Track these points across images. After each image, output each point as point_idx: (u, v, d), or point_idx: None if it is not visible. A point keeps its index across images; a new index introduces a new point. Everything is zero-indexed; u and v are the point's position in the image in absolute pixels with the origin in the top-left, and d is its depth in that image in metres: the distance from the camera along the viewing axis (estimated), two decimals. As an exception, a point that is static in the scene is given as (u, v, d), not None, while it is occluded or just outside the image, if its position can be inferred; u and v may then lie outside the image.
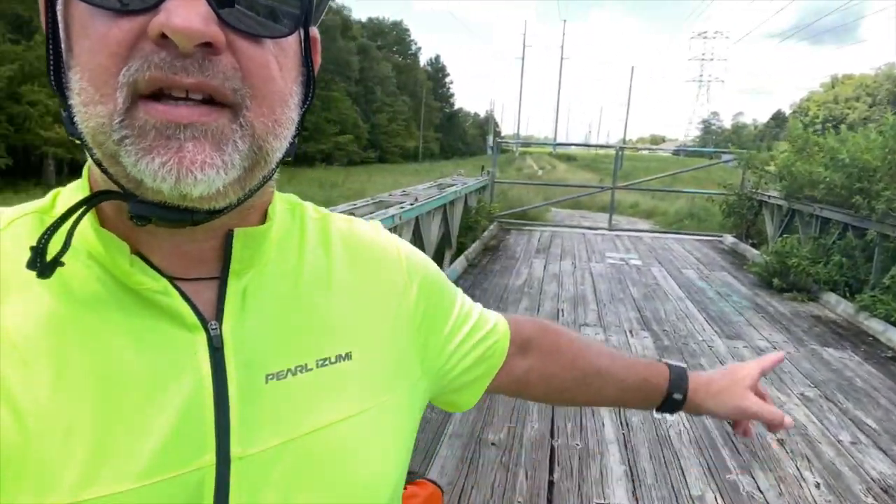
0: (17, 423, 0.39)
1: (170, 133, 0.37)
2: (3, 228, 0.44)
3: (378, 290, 0.57)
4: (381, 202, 5.30)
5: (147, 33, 0.36)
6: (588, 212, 14.16)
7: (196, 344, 0.44)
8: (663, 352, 4.31)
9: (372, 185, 19.21)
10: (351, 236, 0.58)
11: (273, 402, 0.46)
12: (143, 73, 0.36)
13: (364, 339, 0.53)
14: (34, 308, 0.41)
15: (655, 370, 0.76)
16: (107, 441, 0.40)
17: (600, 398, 0.78)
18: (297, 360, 0.48)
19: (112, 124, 0.37)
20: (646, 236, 10.03)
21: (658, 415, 2.53)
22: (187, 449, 0.42)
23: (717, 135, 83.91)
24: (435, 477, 2.60)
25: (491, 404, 3.29)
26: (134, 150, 0.37)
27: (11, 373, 0.39)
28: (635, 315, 5.25)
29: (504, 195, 11.43)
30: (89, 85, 0.37)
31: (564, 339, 0.75)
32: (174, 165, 0.37)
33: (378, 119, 48.78)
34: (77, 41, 0.38)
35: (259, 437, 0.45)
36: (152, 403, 0.42)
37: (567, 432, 3.06)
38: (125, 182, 0.40)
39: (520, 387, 0.73)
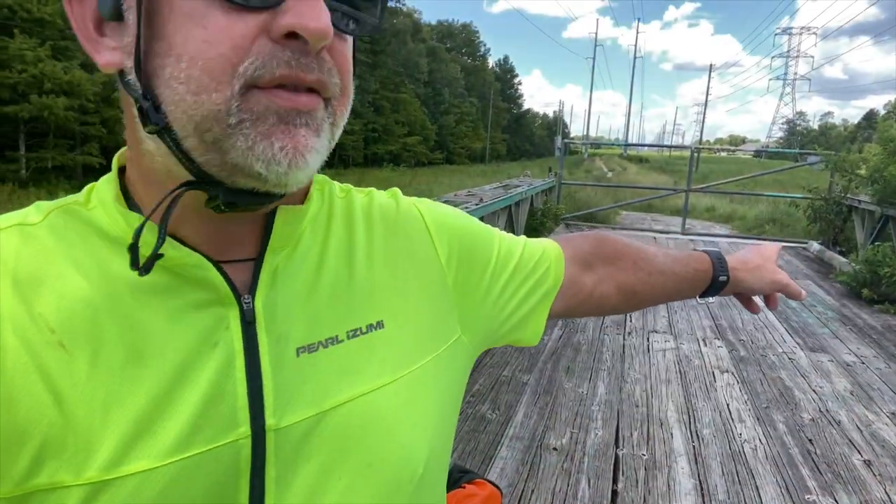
0: (56, 404, 0.40)
1: (289, 119, 0.40)
2: (40, 221, 0.45)
3: (404, 256, 0.57)
4: (447, 202, 5.33)
5: (272, 30, 0.38)
6: (660, 215, 13.69)
7: (229, 318, 0.45)
8: (739, 362, 4.10)
9: (438, 185, 19.37)
10: (372, 208, 0.58)
11: (305, 374, 0.47)
12: (270, 70, 0.38)
13: (395, 307, 0.54)
14: (69, 294, 0.42)
15: (699, 258, 0.81)
16: (142, 417, 0.41)
17: (664, 294, 0.81)
18: (328, 333, 0.49)
19: (229, 109, 0.38)
20: (722, 241, 9.59)
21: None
22: (222, 422, 0.43)
23: (802, 136, 79.28)
24: (494, 479, 2.58)
25: (553, 408, 3.23)
26: (252, 134, 0.39)
27: (50, 356, 0.41)
28: (709, 323, 5.03)
29: (571, 197, 11.23)
30: (203, 74, 0.38)
31: (622, 245, 0.77)
32: (291, 150, 0.40)
33: (445, 120, 49.13)
34: (183, 31, 0.38)
35: (293, 409, 0.46)
36: (186, 378, 0.43)
37: (633, 441, 2.96)
38: (216, 170, 0.41)
39: (595, 301, 0.74)
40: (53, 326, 0.41)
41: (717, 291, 0.82)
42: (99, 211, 0.46)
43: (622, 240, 0.78)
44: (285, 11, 0.38)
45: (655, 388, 3.60)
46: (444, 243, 0.60)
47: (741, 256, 0.85)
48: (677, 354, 4.20)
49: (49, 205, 0.47)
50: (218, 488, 0.43)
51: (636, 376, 3.76)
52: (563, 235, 0.75)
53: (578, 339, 4.41)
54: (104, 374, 0.41)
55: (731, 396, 3.52)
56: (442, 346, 0.57)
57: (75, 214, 0.46)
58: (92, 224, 0.45)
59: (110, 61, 0.41)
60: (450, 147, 49.67)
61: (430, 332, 0.56)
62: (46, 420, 0.40)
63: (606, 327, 4.72)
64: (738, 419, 3.23)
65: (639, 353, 4.19)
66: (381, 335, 0.52)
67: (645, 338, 4.52)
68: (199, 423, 0.42)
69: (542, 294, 0.68)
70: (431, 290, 0.58)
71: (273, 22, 0.38)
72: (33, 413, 0.39)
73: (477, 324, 0.62)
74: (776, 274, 0.85)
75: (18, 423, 0.39)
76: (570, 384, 3.58)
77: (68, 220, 0.46)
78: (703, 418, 3.22)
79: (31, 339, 0.41)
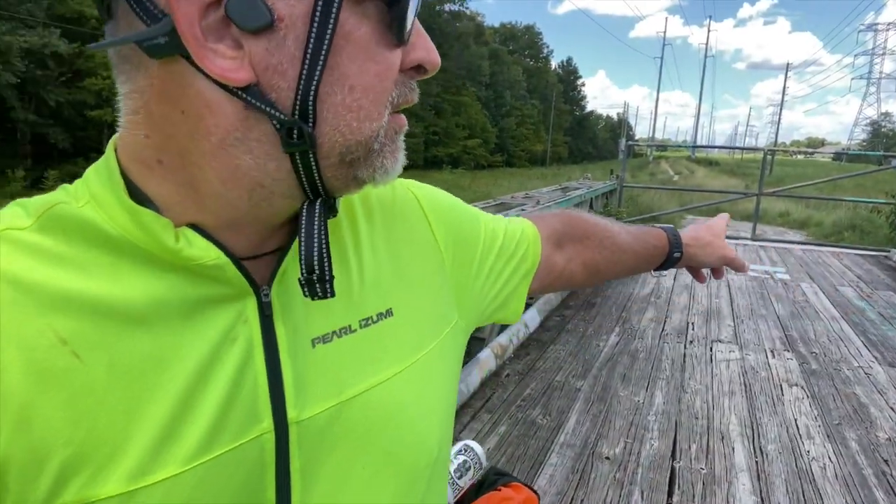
0: (74, 420, 0.38)
1: (399, 137, 0.47)
2: (31, 224, 0.42)
3: (405, 242, 0.58)
4: (502, 204, 5.30)
5: (404, 63, 0.44)
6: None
7: (247, 311, 0.45)
8: (810, 376, 3.87)
9: (497, 188, 19.32)
10: (368, 194, 0.58)
11: (323, 365, 0.47)
12: (405, 96, 0.45)
13: (401, 294, 0.55)
14: (76, 301, 0.40)
15: (657, 235, 0.87)
16: (166, 423, 0.40)
17: (624, 270, 0.86)
18: (341, 323, 0.49)
19: (378, 136, 0.43)
20: (796, 248, 9.09)
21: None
22: (244, 418, 0.43)
23: (887, 138, 74.21)
24: (543, 486, 2.54)
25: (607, 416, 3.15)
26: (387, 153, 0.45)
27: (62, 369, 0.39)
28: (778, 334, 4.77)
29: (633, 200, 10.94)
30: (372, 104, 0.42)
31: (590, 224, 0.82)
32: (401, 160, 0.47)
33: (506, 123, 48.91)
34: (358, 63, 0.41)
35: (313, 401, 0.46)
36: (207, 378, 0.42)
37: (691, 454, 2.84)
38: (338, 183, 0.44)
39: (564, 279, 0.79)
40: (64, 336, 0.39)
41: (671, 266, 0.89)
42: (91, 208, 0.42)
43: (589, 218, 0.83)
44: (413, 46, 0.44)
45: (717, 399, 3.45)
46: (440, 227, 0.62)
47: (693, 233, 0.91)
48: (742, 366, 4.01)
49: (36, 205, 0.43)
50: (245, 486, 0.43)
51: (697, 387, 3.61)
52: (536, 214, 0.79)
53: (636, 346, 4.28)
54: (123, 383, 0.40)
55: (800, 411, 3.33)
56: (444, 329, 0.58)
57: (67, 214, 0.42)
58: (87, 224, 0.42)
59: (242, 76, 0.38)
60: (510, 150, 49.39)
61: (434, 316, 0.58)
62: (64, 438, 0.38)
63: (666, 335, 4.56)
64: (807, 436, 3.04)
65: (700, 362, 4.03)
66: (391, 323, 0.53)
67: (708, 347, 4.34)
68: (222, 422, 0.42)
69: (523, 274, 0.71)
70: (432, 274, 0.59)
71: (406, 55, 0.44)
72: (49, 433, 0.38)
73: (469, 305, 0.64)
74: (725, 249, 0.92)
75: (34, 446, 0.37)
76: (625, 392, 3.48)
77: (61, 220, 0.42)
78: (768, 433, 3.06)
79: (40, 356, 0.38)
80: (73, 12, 20.35)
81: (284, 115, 0.39)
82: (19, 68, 17.89)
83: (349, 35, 0.40)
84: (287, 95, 0.39)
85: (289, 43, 0.38)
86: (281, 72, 0.39)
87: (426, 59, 0.45)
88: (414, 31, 0.44)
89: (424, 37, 0.45)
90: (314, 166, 0.41)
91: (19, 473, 0.37)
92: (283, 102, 0.39)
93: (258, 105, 0.39)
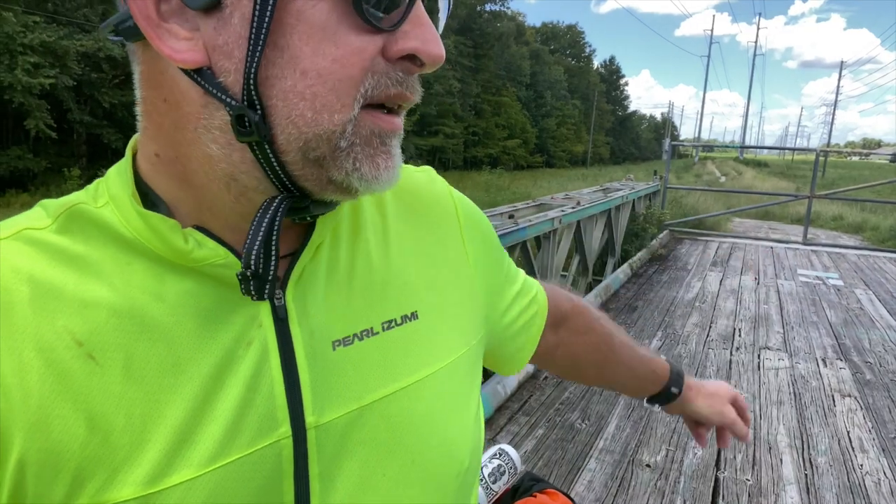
0: (90, 423, 0.38)
1: (387, 141, 0.41)
2: (50, 224, 0.42)
3: (435, 245, 0.55)
4: (542, 205, 5.24)
5: (389, 51, 0.39)
6: (778, 223, 12.70)
7: (261, 315, 0.43)
8: (864, 386, 3.69)
9: (537, 189, 19.18)
10: (402, 189, 0.56)
11: (343, 368, 0.45)
12: (385, 89, 0.39)
13: (427, 297, 0.52)
14: (93, 303, 0.40)
15: (660, 364, 0.84)
16: (181, 427, 0.40)
17: (611, 381, 0.84)
18: (363, 325, 0.47)
19: (345, 133, 0.39)
20: (850, 253, 8.72)
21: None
22: (262, 423, 0.42)
23: (952, 138, 70.49)
24: (581, 492, 2.49)
25: (648, 422, 3.07)
26: (361, 156, 0.40)
27: (79, 371, 0.38)
28: (830, 342, 4.58)
29: (678, 202, 10.67)
30: (330, 93, 0.37)
31: (596, 324, 0.79)
32: (391, 168, 0.42)
33: (546, 123, 48.52)
34: (312, 44, 0.36)
35: (332, 405, 0.44)
36: (222, 382, 0.41)
37: (736, 464, 2.74)
38: (309, 184, 0.40)
39: (542, 360, 0.75)
40: (80, 338, 0.39)
41: (665, 402, 0.85)
42: (110, 209, 0.42)
43: (599, 317, 0.80)
44: (406, 34, 0.39)
45: (765, 409, 3.33)
46: (473, 242, 0.59)
47: (700, 381, 0.88)
48: (791, 374, 3.86)
49: (56, 205, 0.43)
50: (263, 491, 0.42)
51: (743, 395, 3.48)
52: (551, 285, 0.77)
53: (679, 351, 4.17)
54: (139, 386, 0.39)
55: (853, 423, 3.18)
56: (473, 339, 0.56)
57: (85, 215, 0.42)
58: (104, 225, 0.42)
59: (191, 57, 0.37)
60: (550, 150, 48.97)
61: (462, 325, 0.55)
62: (80, 441, 0.38)
63: (711, 341, 4.43)
64: (860, 449, 2.90)
65: (747, 370, 3.90)
66: (416, 326, 0.50)
67: (755, 354, 4.19)
68: (238, 426, 0.41)
69: (529, 336, 0.69)
70: (461, 284, 0.56)
71: (393, 43, 0.39)
72: (66, 436, 0.37)
73: (489, 327, 0.62)
74: (726, 406, 0.86)
75: (51, 448, 0.37)
76: (667, 398, 3.39)
77: (79, 221, 0.42)
78: (818, 445, 2.93)
79: (57, 357, 0.38)
80: (127, 17, 21.06)
81: (235, 101, 0.37)
82: (76, 71, 18.68)
83: (301, 13, 0.36)
84: (235, 80, 0.37)
85: (235, 21, 0.36)
86: (227, 53, 0.37)
87: (420, 49, 0.39)
88: (411, 18, 0.39)
89: (424, 26, 0.40)
90: (273, 159, 0.38)
91: (36, 475, 0.37)
92: (232, 87, 0.37)
93: (210, 90, 0.37)
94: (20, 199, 17.03)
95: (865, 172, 36.20)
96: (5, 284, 0.38)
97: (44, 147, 19.55)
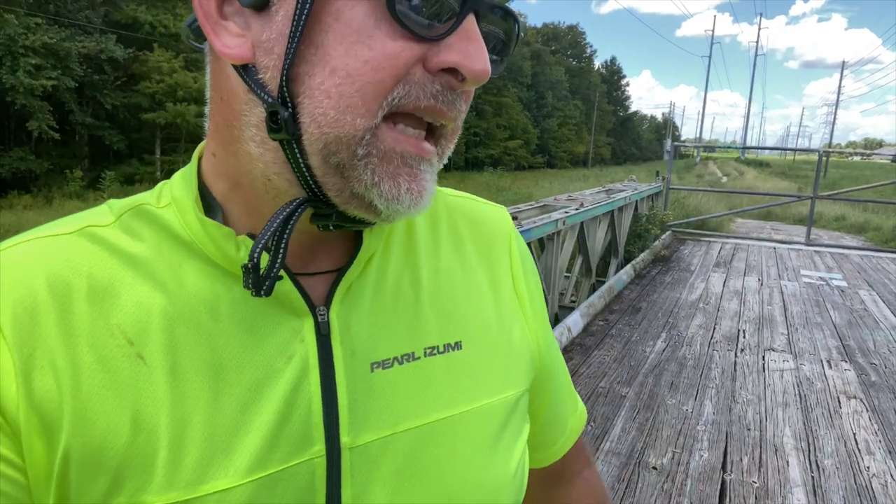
0: (135, 422, 0.38)
1: (412, 163, 0.39)
2: (113, 222, 0.43)
3: (486, 275, 0.53)
4: (545, 206, 5.23)
5: (429, 61, 0.37)
6: (781, 223, 12.68)
7: (304, 330, 0.43)
8: (870, 388, 3.69)
9: (539, 189, 19.17)
10: (459, 215, 0.55)
11: (380, 391, 0.45)
12: (416, 100, 0.38)
13: (474, 329, 0.50)
14: (146, 303, 0.40)
15: None
16: (221, 434, 0.40)
17: None
18: (404, 349, 0.46)
19: (363, 140, 0.37)
20: (854, 254, 8.71)
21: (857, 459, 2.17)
22: (297, 439, 0.42)
23: (954, 138, 70.38)
24: (588, 494, 2.49)
25: (654, 425, 3.07)
26: (379, 172, 0.38)
27: (128, 371, 0.39)
28: (835, 343, 4.57)
29: (680, 203, 10.66)
30: (356, 95, 0.36)
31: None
32: (416, 191, 0.39)
33: (548, 124, 48.49)
34: (346, 44, 0.36)
35: (368, 427, 0.44)
36: (262, 394, 0.41)
37: (742, 467, 2.74)
38: (333, 194, 0.39)
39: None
40: (132, 338, 0.39)
41: None
42: (171, 210, 0.43)
43: None
44: (449, 46, 0.37)
45: (770, 410, 3.32)
46: (523, 283, 0.56)
47: None
48: (797, 376, 3.85)
49: (121, 204, 0.45)
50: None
51: (748, 397, 3.48)
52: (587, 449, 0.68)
53: (684, 353, 4.16)
54: (183, 390, 0.40)
55: (859, 425, 3.17)
56: (522, 386, 0.53)
57: (147, 215, 0.43)
58: (164, 225, 0.43)
59: (238, 53, 0.38)
60: (552, 151, 48.95)
61: (511, 366, 0.52)
62: (124, 440, 0.38)
63: (716, 342, 4.42)
64: (867, 451, 2.90)
65: (752, 371, 3.89)
66: (459, 356, 0.48)
67: (760, 356, 4.19)
68: (275, 440, 0.41)
69: (570, 435, 0.63)
70: (511, 318, 0.54)
71: (434, 54, 0.37)
72: (110, 433, 0.38)
73: None
74: None
75: (95, 444, 0.38)
76: (673, 401, 3.39)
77: (141, 221, 0.43)
78: (824, 447, 2.92)
79: (109, 354, 0.39)
80: (129, 18, 21.14)
81: (270, 98, 0.37)
82: (78, 73, 18.71)
83: (339, 12, 0.36)
84: (273, 76, 0.37)
85: (278, 18, 0.37)
86: (268, 49, 0.37)
87: (461, 63, 0.37)
88: (459, 31, 0.37)
89: (471, 41, 0.38)
90: (300, 160, 0.38)
91: (79, 471, 0.37)
92: (269, 84, 0.37)
93: (251, 85, 0.38)
94: (22, 201, 17.06)
95: (867, 172, 36.14)
96: (66, 278, 0.40)
97: (46, 148, 19.58)
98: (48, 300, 0.39)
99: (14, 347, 0.37)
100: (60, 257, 0.40)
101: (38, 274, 0.39)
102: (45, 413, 0.37)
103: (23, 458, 0.37)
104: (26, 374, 0.37)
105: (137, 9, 21.25)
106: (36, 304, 0.38)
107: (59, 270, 0.40)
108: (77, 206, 15.91)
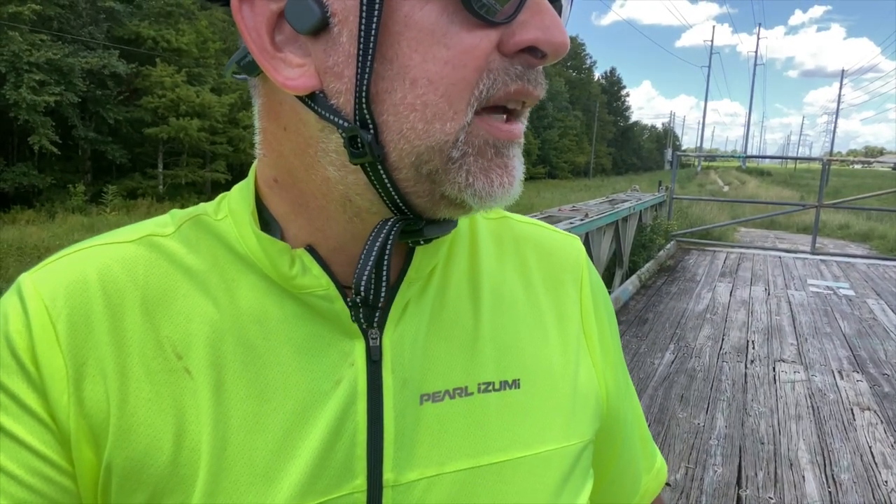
0: (177, 439, 0.37)
1: (504, 151, 0.37)
2: (173, 232, 0.43)
3: (554, 309, 0.49)
4: (549, 217, 5.20)
5: (506, 44, 0.35)
6: (785, 232, 12.63)
7: (354, 354, 0.41)
8: (883, 399, 3.63)
9: (541, 200, 19.17)
10: (527, 241, 0.51)
11: (429, 426, 0.41)
12: (505, 87, 0.35)
13: (534, 367, 0.46)
14: (197, 316, 0.40)
15: None
16: (258, 460, 0.38)
17: None
18: (457, 382, 0.43)
19: (457, 142, 0.35)
20: (860, 262, 8.65)
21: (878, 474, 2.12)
22: (339, 471, 0.39)
23: (955, 145, 70.56)
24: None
25: (666, 439, 3.01)
26: (474, 170, 0.36)
27: (174, 385, 0.38)
28: (846, 354, 4.51)
29: (683, 213, 10.63)
30: (442, 100, 0.34)
31: None
32: (506, 185, 0.37)
33: (549, 135, 48.66)
34: (422, 50, 0.34)
35: (413, 465, 0.40)
36: (307, 420, 0.39)
37: (758, 482, 2.68)
38: (422, 201, 0.37)
39: None
40: (180, 352, 0.39)
41: None
42: (228, 223, 0.43)
43: None
44: (524, 24, 0.35)
45: (783, 423, 3.26)
46: (593, 320, 0.51)
47: None
48: (808, 387, 3.80)
49: (182, 214, 0.45)
50: None
51: (760, 409, 3.43)
52: None
53: (693, 364, 4.11)
54: (227, 409, 0.38)
55: (875, 438, 3.11)
56: (586, 436, 0.48)
57: (205, 226, 0.43)
58: (220, 237, 0.42)
59: (303, 83, 0.35)
60: (552, 161, 49.05)
61: (578, 411, 0.47)
62: (166, 456, 0.37)
63: (725, 353, 4.37)
64: (884, 464, 2.84)
65: (763, 383, 3.83)
66: (516, 396, 0.44)
67: (770, 367, 4.13)
68: (318, 470, 0.39)
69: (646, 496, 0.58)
70: (579, 361, 0.49)
71: (510, 36, 0.35)
72: (152, 449, 0.37)
73: None
74: None
75: (136, 458, 0.37)
76: (684, 414, 3.33)
77: (199, 232, 0.43)
78: (840, 461, 2.86)
79: (157, 368, 0.38)
80: (131, 33, 21.29)
81: (347, 122, 0.35)
82: (81, 88, 18.80)
83: (408, 18, 0.33)
84: (346, 100, 0.35)
85: (343, 40, 0.34)
86: (337, 73, 0.35)
87: (541, 39, 0.35)
88: (528, 5, 0.35)
89: (543, 12, 0.35)
90: (385, 179, 0.36)
91: (119, 485, 0.37)
92: (344, 108, 0.35)
93: (322, 113, 0.36)
94: (25, 216, 17.08)
95: (868, 180, 36.13)
96: (122, 286, 0.39)
97: (49, 163, 19.64)
98: (102, 309, 0.38)
99: (69, 355, 0.37)
100: (119, 266, 0.40)
101: (94, 281, 0.39)
102: (94, 422, 0.37)
103: (73, 465, 0.37)
104: (78, 381, 0.37)
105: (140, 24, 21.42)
106: (91, 313, 0.38)
107: (117, 279, 0.40)
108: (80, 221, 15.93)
